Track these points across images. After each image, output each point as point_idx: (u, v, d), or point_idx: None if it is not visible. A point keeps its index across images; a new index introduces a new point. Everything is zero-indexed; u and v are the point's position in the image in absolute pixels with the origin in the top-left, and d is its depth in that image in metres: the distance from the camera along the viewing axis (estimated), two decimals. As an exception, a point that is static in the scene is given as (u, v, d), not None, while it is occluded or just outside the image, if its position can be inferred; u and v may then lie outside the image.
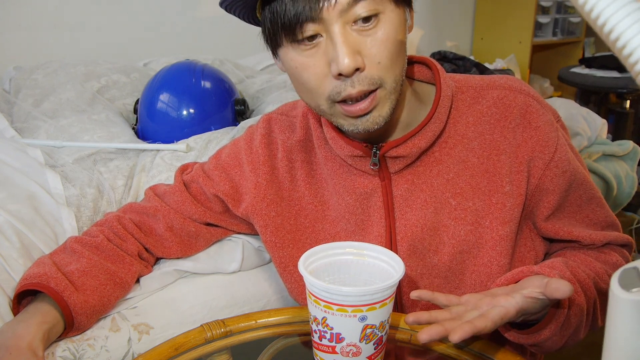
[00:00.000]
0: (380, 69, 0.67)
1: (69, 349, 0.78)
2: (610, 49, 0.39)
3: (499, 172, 0.76)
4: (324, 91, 0.69)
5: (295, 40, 0.67)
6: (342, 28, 0.65)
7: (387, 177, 0.79)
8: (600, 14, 0.37)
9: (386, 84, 0.69)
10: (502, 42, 3.17)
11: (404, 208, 0.79)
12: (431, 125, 0.75)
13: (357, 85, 0.67)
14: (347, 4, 0.64)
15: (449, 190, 0.77)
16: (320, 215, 0.84)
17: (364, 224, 0.81)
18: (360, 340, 0.60)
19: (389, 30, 0.67)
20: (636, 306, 0.38)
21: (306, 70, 0.69)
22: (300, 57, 0.68)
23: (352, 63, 0.65)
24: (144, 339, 0.86)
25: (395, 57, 0.68)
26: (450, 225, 0.77)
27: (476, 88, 0.79)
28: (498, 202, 0.76)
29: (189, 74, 1.34)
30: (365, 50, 0.66)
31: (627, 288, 0.39)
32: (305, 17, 0.65)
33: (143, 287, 0.91)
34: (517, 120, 0.76)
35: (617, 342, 0.40)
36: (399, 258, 0.63)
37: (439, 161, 0.78)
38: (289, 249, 0.85)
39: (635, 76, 0.37)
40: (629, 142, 1.70)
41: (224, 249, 0.99)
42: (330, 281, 0.66)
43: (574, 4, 0.39)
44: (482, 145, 0.77)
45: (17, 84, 1.52)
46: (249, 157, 0.88)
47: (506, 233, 0.76)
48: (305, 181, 0.85)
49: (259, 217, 0.86)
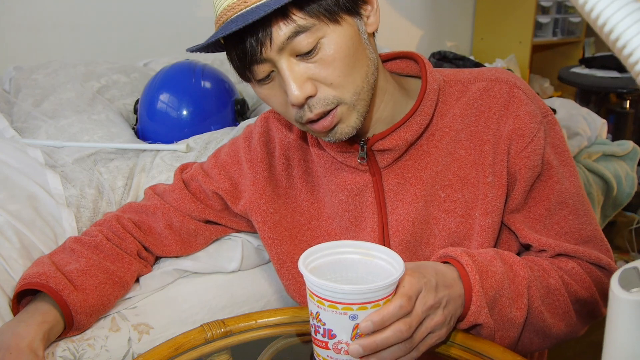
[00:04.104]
0: (334, 89, 0.69)
1: (69, 349, 0.78)
2: (610, 49, 0.39)
3: (483, 163, 0.77)
4: (290, 117, 0.74)
5: (251, 80, 0.72)
6: (287, 62, 0.68)
7: (377, 172, 0.80)
8: (600, 14, 0.37)
9: (344, 99, 0.70)
10: (502, 42, 3.17)
11: (396, 202, 0.80)
12: (416, 117, 0.76)
13: (314, 109, 0.70)
14: (283, 43, 0.66)
15: (438, 183, 0.78)
16: (316, 213, 0.86)
17: (357, 220, 0.82)
18: (351, 339, 0.60)
19: (334, 51, 0.68)
20: (636, 306, 0.38)
21: (270, 100, 0.74)
22: (263, 90, 0.73)
23: (301, 94, 0.68)
24: (144, 339, 0.86)
25: (348, 72, 0.69)
26: (440, 218, 0.78)
27: (463, 82, 0.80)
28: (483, 192, 0.76)
29: (189, 74, 1.34)
30: (315, 76, 0.69)
31: (627, 288, 0.39)
32: (250, 60, 0.69)
33: (143, 286, 0.91)
34: (501, 111, 0.76)
35: (617, 342, 0.40)
36: (402, 263, 0.63)
37: (427, 154, 0.78)
38: (287, 245, 0.86)
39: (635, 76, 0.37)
40: (629, 142, 1.71)
41: (224, 248, 0.99)
42: (333, 279, 0.66)
43: (574, 4, 0.39)
44: (469, 136, 0.77)
45: (17, 84, 1.52)
46: (247, 155, 0.89)
47: (488, 224, 0.76)
48: (302, 179, 0.87)
49: (257, 214, 0.87)
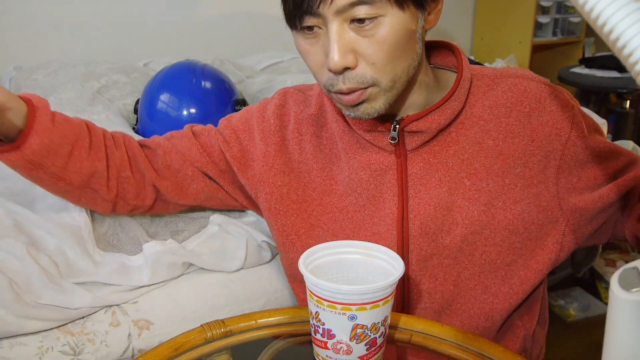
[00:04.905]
0: (375, 70, 0.69)
1: (69, 344, 0.78)
2: (610, 49, 0.39)
3: (512, 155, 0.78)
4: (321, 79, 0.73)
5: (297, 28, 0.71)
6: (339, 26, 0.67)
7: (403, 154, 0.80)
8: (600, 14, 0.37)
9: (380, 83, 0.70)
10: (502, 42, 3.17)
11: (419, 186, 0.80)
12: (451, 102, 0.77)
13: (347, 83, 0.70)
14: (344, 7, 0.66)
15: (463, 171, 0.79)
16: (328, 189, 0.85)
17: (376, 200, 0.82)
18: (350, 339, 0.59)
19: (388, 33, 0.67)
20: (636, 306, 0.38)
21: (308, 57, 0.73)
22: (304, 43, 0.72)
23: (341, 62, 0.67)
24: (144, 335, 0.86)
25: (393, 59, 0.69)
26: (463, 206, 0.78)
27: (490, 76, 0.81)
28: (510, 183, 0.78)
29: (189, 74, 1.34)
30: (361, 50, 0.68)
31: (627, 288, 0.39)
32: (304, 10, 0.68)
33: (146, 279, 0.90)
34: (531, 105, 0.78)
35: (617, 342, 0.40)
36: (402, 262, 0.63)
37: (455, 141, 0.79)
38: (293, 217, 0.85)
39: (635, 76, 0.37)
40: (629, 142, 1.70)
41: (228, 248, 0.99)
42: (333, 279, 0.66)
43: (574, 4, 0.39)
44: (498, 128, 0.78)
45: (17, 84, 1.52)
46: (260, 125, 0.88)
47: (518, 212, 0.77)
48: (313, 154, 0.86)
49: (265, 185, 0.86)
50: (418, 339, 0.72)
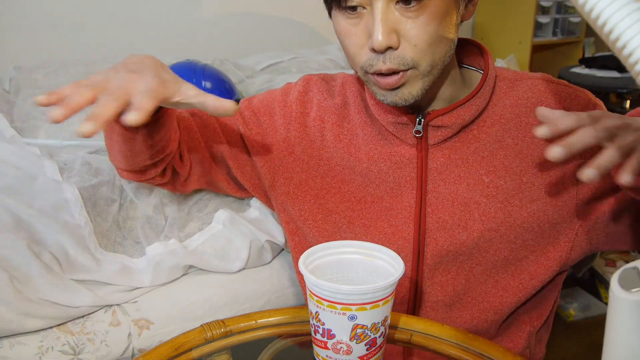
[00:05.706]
0: (416, 52, 0.70)
1: (69, 343, 0.78)
2: (610, 49, 0.39)
3: (531, 154, 0.78)
4: (359, 60, 0.73)
5: (341, 6, 0.71)
6: (385, 5, 0.68)
7: (424, 148, 0.80)
8: (600, 14, 0.37)
9: (420, 66, 0.71)
10: (502, 42, 3.17)
11: (438, 181, 0.80)
12: (476, 99, 0.78)
13: (388, 62, 0.70)
14: None
15: (483, 168, 0.79)
16: (347, 178, 0.85)
17: (394, 192, 0.82)
18: (350, 339, 0.59)
19: (432, 17, 0.68)
20: (636, 306, 0.38)
21: (348, 37, 0.72)
22: (345, 23, 0.72)
23: (385, 41, 0.68)
24: (144, 334, 0.86)
25: (434, 43, 0.70)
26: (481, 202, 0.79)
27: (510, 79, 0.82)
28: (528, 181, 0.78)
29: (190, 74, 1.34)
30: (404, 31, 0.69)
31: (627, 288, 0.39)
32: None
33: (147, 282, 0.91)
34: (551, 106, 0.78)
35: (617, 342, 0.40)
36: (402, 262, 0.63)
37: (477, 138, 0.80)
38: (310, 203, 0.86)
39: (635, 76, 0.37)
40: (629, 142, 1.70)
41: (231, 247, 0.98)
42: (334, 279, 0.66)
43: (574, 4, 0.39)
44: (518, 127, 0.79)
45: (17, 84, 1.51)
46: (282, 109, 0.89)
47: (534, 210, 0.78)
48: (334, 144, 0.86)
49: (284, 170, 0.87)
50: (418, 339, 0.72)
